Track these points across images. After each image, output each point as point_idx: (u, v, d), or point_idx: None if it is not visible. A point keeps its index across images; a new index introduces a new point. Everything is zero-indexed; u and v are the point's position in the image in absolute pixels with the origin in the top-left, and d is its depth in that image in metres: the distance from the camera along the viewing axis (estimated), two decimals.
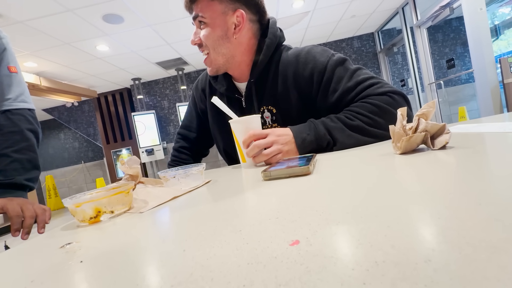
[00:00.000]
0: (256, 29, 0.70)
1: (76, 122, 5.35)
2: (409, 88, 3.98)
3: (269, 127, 0.71)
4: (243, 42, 0.68)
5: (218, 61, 0.68)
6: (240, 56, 0.69)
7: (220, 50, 0.67)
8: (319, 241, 0.16)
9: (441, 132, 0.37)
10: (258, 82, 0.70)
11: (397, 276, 0.11)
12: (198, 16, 0.65)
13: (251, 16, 0.68)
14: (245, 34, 0.68)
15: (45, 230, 0.62)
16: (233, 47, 0.67)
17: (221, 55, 0.68)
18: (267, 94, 0.70)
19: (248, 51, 0.69)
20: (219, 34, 0.65)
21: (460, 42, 4.51)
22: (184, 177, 0.46)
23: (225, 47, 0.67)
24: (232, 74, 0.74)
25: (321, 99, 0.66)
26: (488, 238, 0.13)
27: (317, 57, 0.66)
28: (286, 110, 0.69)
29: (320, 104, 0.67)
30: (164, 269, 0.17)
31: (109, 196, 0.36)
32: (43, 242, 0.31)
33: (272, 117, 0.71)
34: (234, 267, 0.15)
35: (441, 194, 0.20)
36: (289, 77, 0.68)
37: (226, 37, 0.66)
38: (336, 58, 0.65)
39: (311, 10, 3.23)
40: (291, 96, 0.68)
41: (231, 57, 0.68)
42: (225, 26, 0.65)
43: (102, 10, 2.43)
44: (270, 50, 0.68)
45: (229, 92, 0.73)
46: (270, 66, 0.70)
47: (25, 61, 3.12)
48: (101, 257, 0.22)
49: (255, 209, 0.27)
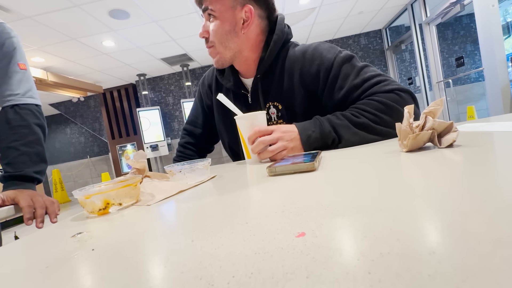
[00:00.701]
0: (265, 26, 0.70)
1: (82, 117, 5.42)
2: (417, 86, 3.92)
3: (275, 123, 0.71)
4: (251, 38, 0.68)
5: (225, 55, 0.69)
6: (247, 51, 0.70)
7: (228, 44, 0.68)
8: (325, 233, 0.16)
9: (449, 130, 0.37)
10: (264, 78, 0.71)
11: (402, 267, 0.12)
12: (207, 9, 0.66)
13: (260, 12, 0.68)
14: (253, 29, 0.68)
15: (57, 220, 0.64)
16: (241, 42, 0.68)
17: (229, 49, 0.68)
18: (273, 90, 0.70)
19: (255, 47, 0.70)
20: (227, 29, 0.66)
21: (470, 40, 4.41)
22: (190, 171, 0.47)
23: (233, 41, 0.67)
24: (238, 69, 0.75)
25: (327, 96, 0.66)
26: (493, 232, 0.13)
27: (324, 53, 0.66)
28: (292, 107, 0.69)
29: (326, 101, 0.67)
30: (174, 258, 0.17)
31: (118, 188, 0.37)
32: (55, 231, 0.32)
33: (278, 113, 0.71)
34: (241, 256, 0.16)
35: (447, 190, 0.20)
36: (295, 74, 0.68)
37: (234, 31, 0.66)
38: (343, 55, 0.65)
39: (317, 6, 3.19)
40: (297, 93, 0.68)
41: (238, 51, 0.69)
42: (234, 21, 0.66)
43: (109, 6, 2.44)
44: (277, 46, 0.69)
45: (235, 87, 0.74)
46: (277, 62, 0.70)
47: (32, 56, 3.17)
48: (112, 246, 0.22)
49: (261, 203, 0.27)
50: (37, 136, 0.74)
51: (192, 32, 3.28)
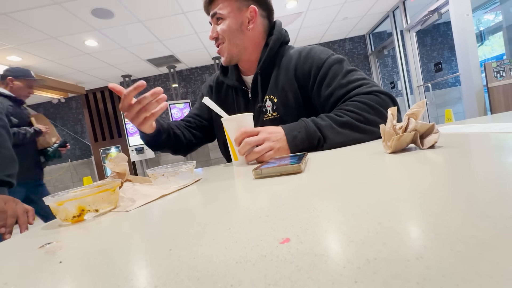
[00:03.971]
0: (266, 25, 0.78)
1: (62, 119, 5.18)
2: (399, 90, 4.07)
3: (270, 115, 0.75)
4: (255, 36, 0.76)
5: (232, 51, 0.76)
6: (251, 47, 0.76)
7: (235, 41, 0.75)
8: (310, 238, 0.16)
9: (430, 131, 0.38)
10: (263, 74, 0.77)
11: (389, 274, 0.11)
12: (216, 14, 0.73)
13: (261, 12, 0.76)
14: (257, 28, 0.76)
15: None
16: (247, 39, 0.75)
17: (235, 45, 0.75)
18: (271, 86, 0.76)
19: (258, 45, 0.77)
20: (235, 27, 0.73)
21: (448, 47, 4.65)
22: (173, 175, 0.45)
23: (239, 38, 0.74)
24: (241, 67, 0.82)
25: (316, 91, 0.71)
26: (479, 235, 0.12)
27: (317, 53, 0.73)
28: (286, 99, 0.74)
29: (315, 96, 0.72)
30: (148, 269, 0.16)
31: (94, 194, 0.34)
32: (22, 242, 0.29)
33: (273, 106, 0.75)
34: (222, 266, 0.15)
35: (431, 191, 0.20)
36: (290, 70, 0.74)
37: (240, 30, 0.74)
38: (335, 57, 0.71)
39: (304, 11, 3.25)
40: (291, 87, 0.73)
41: (243, 48, 0.76)
42: (240, 20, 0.73)
43: (91, 4, 2.36)
44: (276, 45, 0.76)
45: (238, 84, 0.81)
46: (275, 60, 0.77)
47: (8, 55, 3.00)
48: (82, 257, 0.20)
49: (245, 207, 0.26)
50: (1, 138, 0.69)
51: (179, 34, 3.24)
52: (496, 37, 4.69)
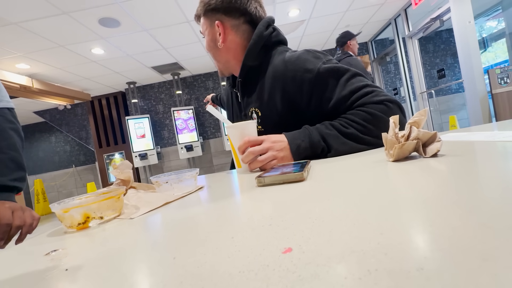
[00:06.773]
0: (247, 31, 0.72)
1: (68, 125, 5.26)
2: (402, 96, 4.06)
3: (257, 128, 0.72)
4: (231, 48, 0.74)
5: (219, 66, 0.79)
6: (233, 60, 0.76)
7: (216, 57, 0.77)
8: (312, 248, 0.16)
9: (433, 140, 0.38)
10: (246, 82, 0.75)
11: (390, 285, 0.11)
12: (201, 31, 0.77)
13: (233, 22, 0.71)
14: (232, 40, 0.73)
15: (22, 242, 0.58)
16: (224, 53, 0.75)
17: (218, 61, 0.78)
18: (255, 96, 0.72)
19: (239, 55, 0.74)
20: (212, 44, 0.75)
21: (450, 53, 4.65)
22: (177, 182, 0.46)
23: (217, 54, 0.76)
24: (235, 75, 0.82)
25: (317, 108, 0.64)
26: (480, 246, 0.13)
27: (306, 65, 0.63)
28: (270, 114, 0.69)
29: (314, 113, 0.65)
30: (153, 278, 0.16)
31: (99, 201, 0.35)
32: (27, 249, 0.30)
33: (258, 119, 0.72)
34: (225, 275, 0.15)
35: (433, 201, 0.20)
36: (277, 82, 0.67)
37: (215, 46, 0.74)
38: (327, 66, 0.62)
39: (306, 19, 3.29)
40: (276, 102, 0.67)
41: (226, 61, 0.76)
42: (214, 37, 0.74)
43: (99, 14, 2.43)
44: (253, 51, 0.69)
45: (230, 87, 0.84)
46: (260, 68, 0.71)
47: (17, 63, 3.08)
48: (88, 265, 0.21)
49: (248, 215, 0.26)
50: (10, 140, 0.68)
51: (184, 41, 3.30)
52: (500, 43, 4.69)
